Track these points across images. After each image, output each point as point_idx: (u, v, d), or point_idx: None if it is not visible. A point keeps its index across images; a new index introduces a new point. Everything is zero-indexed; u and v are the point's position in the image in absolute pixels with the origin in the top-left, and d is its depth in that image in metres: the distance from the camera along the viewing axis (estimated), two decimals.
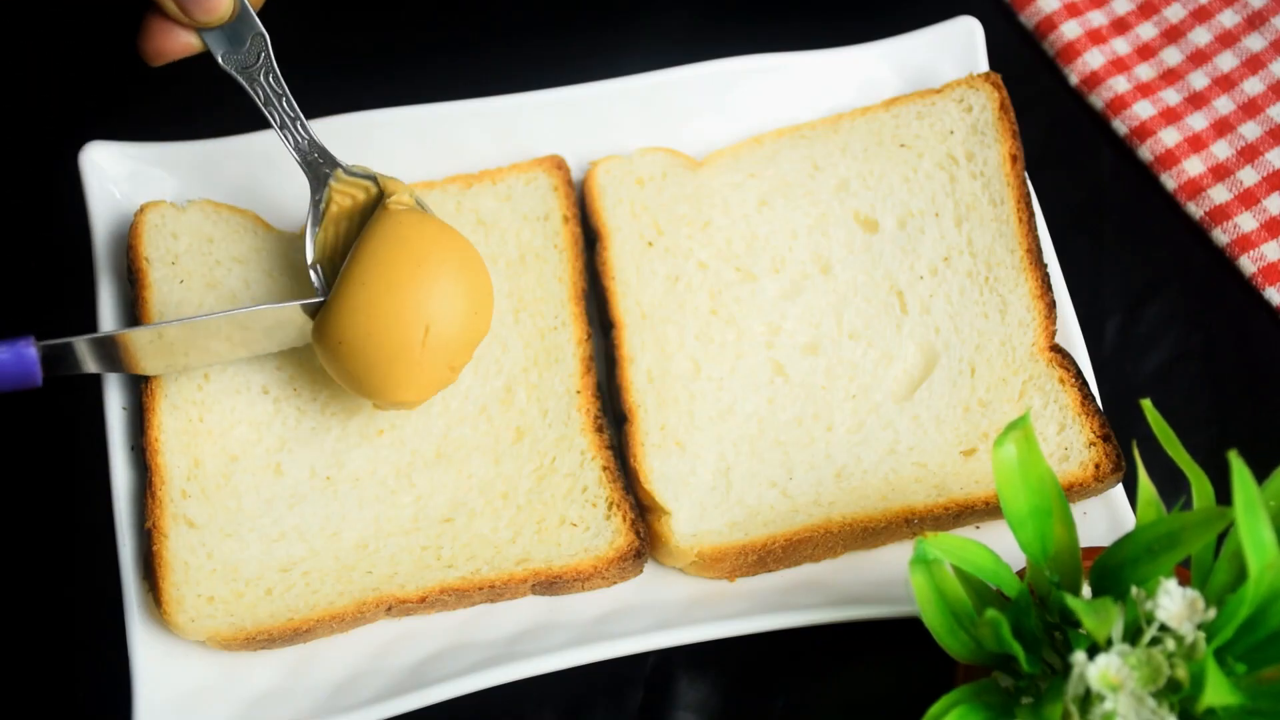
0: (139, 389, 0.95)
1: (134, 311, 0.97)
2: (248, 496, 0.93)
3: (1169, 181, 1.10)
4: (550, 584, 0.91)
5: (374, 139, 1.02)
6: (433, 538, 0.93)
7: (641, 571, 0.93)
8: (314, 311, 0.91)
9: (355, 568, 0.91)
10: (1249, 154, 1.09)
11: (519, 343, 0.99)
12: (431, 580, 0.91)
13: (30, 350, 0.87)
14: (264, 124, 0.93)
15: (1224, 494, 0.70)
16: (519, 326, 0.99)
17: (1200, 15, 1.15)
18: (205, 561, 0.90)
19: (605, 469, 0.95)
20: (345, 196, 0.93)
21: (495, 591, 0.91)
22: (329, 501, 0.94)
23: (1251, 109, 1.11)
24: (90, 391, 0.97)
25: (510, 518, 0.93)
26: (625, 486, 0.94)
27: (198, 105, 1.06)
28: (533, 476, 0.95)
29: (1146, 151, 1.11)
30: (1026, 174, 1.02)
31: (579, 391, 0.97)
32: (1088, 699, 0.70)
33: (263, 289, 0.99)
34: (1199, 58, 1.13)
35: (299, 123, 0.92)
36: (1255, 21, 1.13)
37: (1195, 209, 1.08)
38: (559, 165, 1.03)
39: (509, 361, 0.98)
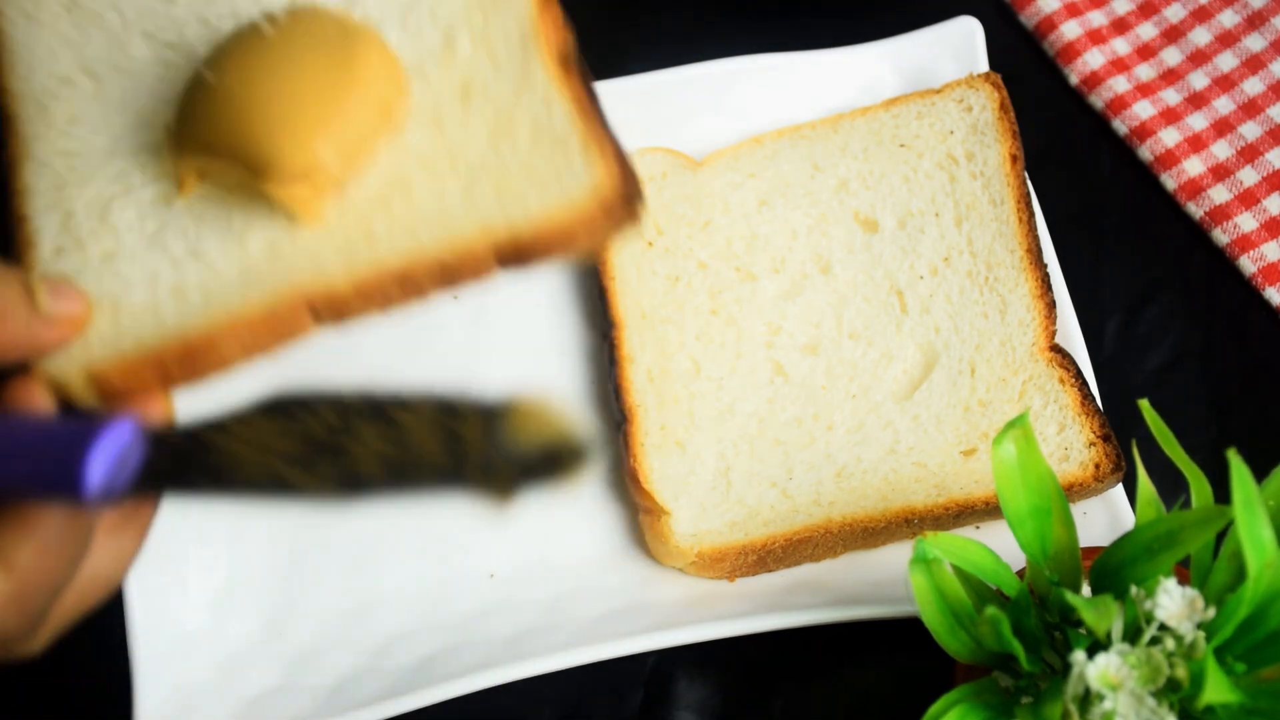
0: None
1: None
2: (129, 233, 0.77)
3: (1169, 181, 1.10)
4: (521, 254, 0.73)
5: None
6: (362, 221, 0.75)
7: (636, 220, 0.74)
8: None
9: (264, 269, 0.74)
10: (1249, 154, 1.09)
11: None
12: (363, 264, 0.73)
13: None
14: None
15: (1223, 493, 0.70)
16: None
17: (1200, 15, 1.15)
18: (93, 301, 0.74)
19: (576, 103, 0.76)
20: None
21: (450, 273, 0.73)
22: (230, 216, 0.76)
23: (1251, 109, 1.11)
24: None
25: (461, 184, 0.75)
26: (603, 121, 0.76)
27: None
28: (485, 134, 0.76)
29: (1146, 151, 1.11)
30: (1026, 174, 1.02)
31: (536, 30, 0.79)
32: (1087, 698, 0.70)
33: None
34: (1199, 58, 1.13)
35: None
36: (1255, 21, 1.13)
37: (1195, 209, 1.09)
38: None
39: (443, 7, 0.80)
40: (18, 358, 0.70)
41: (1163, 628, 0.71)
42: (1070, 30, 1.15)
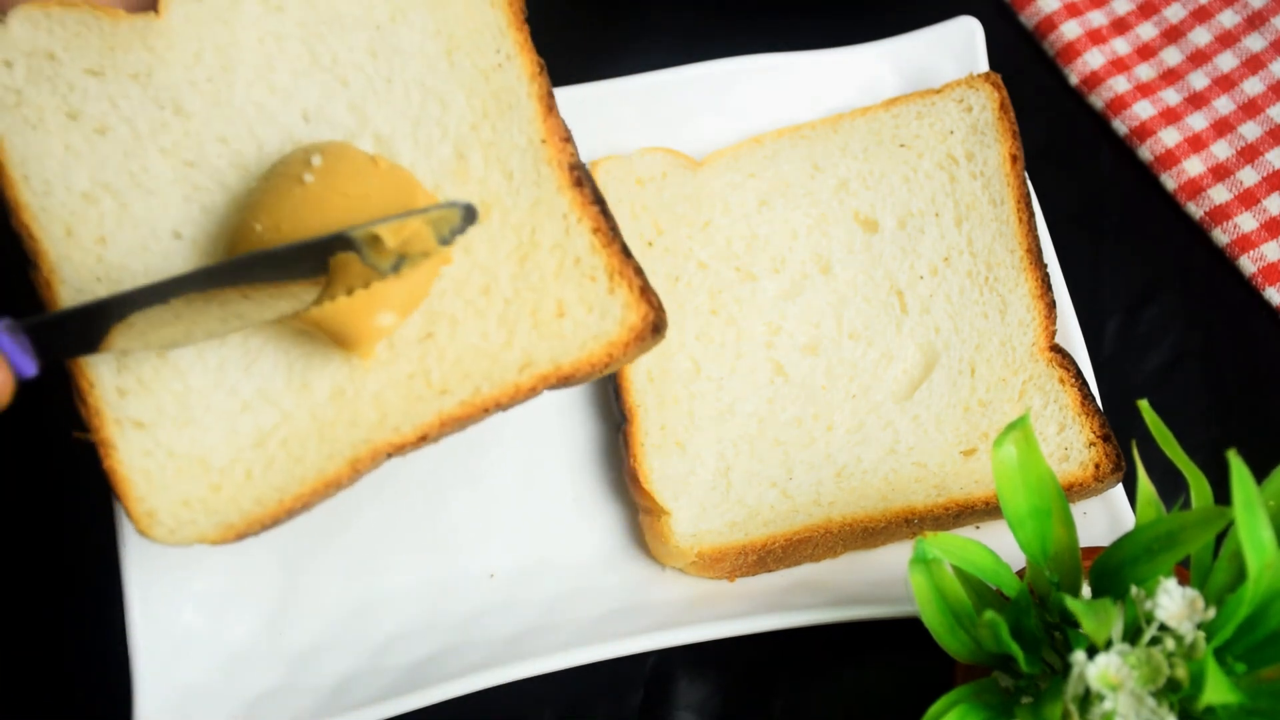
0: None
1: None
2: (192, 371, 0.79)
3: (1169, 181, 1.10)
4: (563, 383, 0.81)
5: None
6: (416, 362, 0.79)
7: (663, 339, 0.82)
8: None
9: (336, 421, 0.79)
10: (1249, 154, 1.09)
11: (459, 93, 0.83)
12: (428, 414, 0.79)
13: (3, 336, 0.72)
14: None
15: (1223, 494, 0.70)
16: (455, 72, 0.83)
17: (1200, 15, 1.15)
18: (167, 462, 0.78)
19: (596, 230, 0.81)
20: None
21: (499, 405, 0.80)
22: (288, 349, 0.80)
23: (1251, 109, 1.11)
24: None
25: (498, 315, 0.80)
26: (622, 248, 0.82)
27: None
28: (512, 258, 0.81)
29: (1146, 151, 1.11)
30: (1026, 174, 1.02)
31: (543, 140, 0.82)
32: (1087, 698, 0.70)
33: (137, 107, 0.81)
34: (1199, 58, 1.13)
35: None
36: (1255, 21, 1.13)
37: (1195, 209, 1.09)
38: None
39: (452, 120, 0.82)
40: None
41: (1163, 628, 0.71)
42: (1070, 30, 1.15)
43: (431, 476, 0.97)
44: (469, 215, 0.77)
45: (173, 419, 0.79)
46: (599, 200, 0.82)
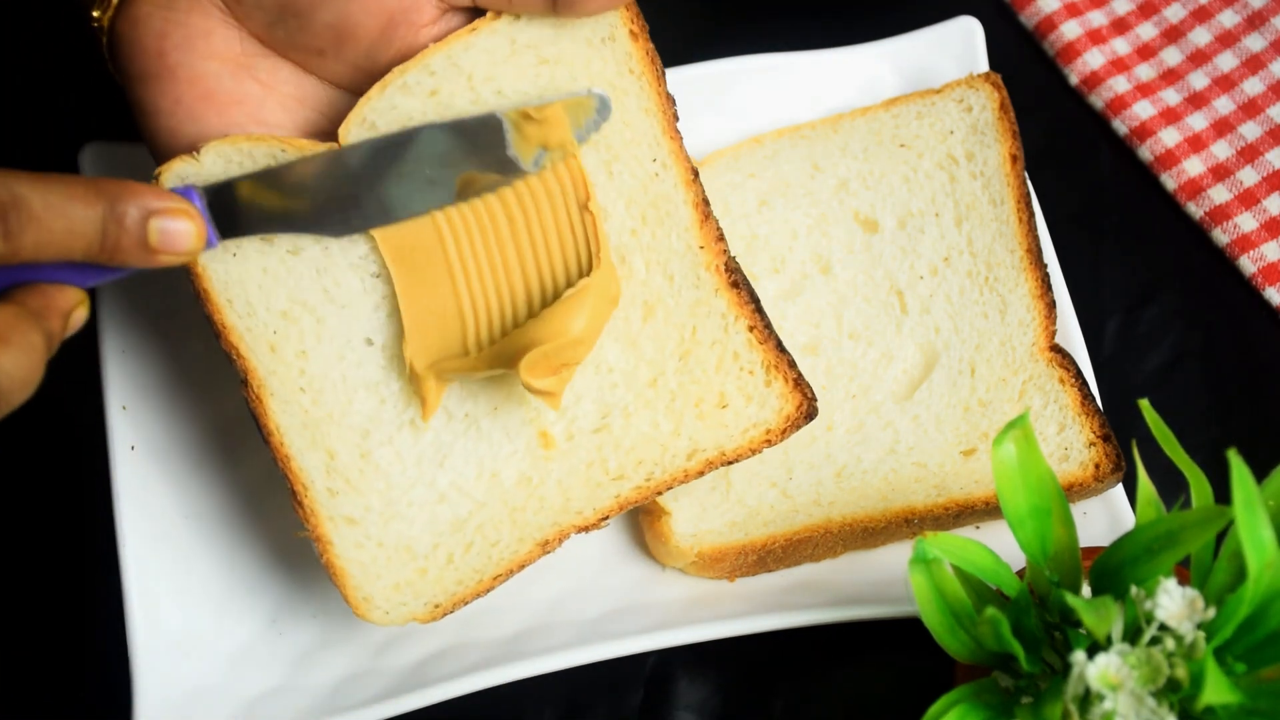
0: (139, 388, 0.95)
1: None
2: (393, 470, 0.86)
3: (1169, 181, 1.10)
4: (726, 464, 0.88)
5: None
6: (594, 451, 0.87)
7: (814, 419, 0.89)
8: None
9: (525, 507, 0.87)
10: (1249, 154, 1.09)
11: (620, 202, 0.87)
12: (607, 498, 0.87)
13: (195, 198, 0.80)
14: None
15: (1223, 493, 0.70)
16: (615, 182, 0.87)
17: (1200, 15, 1.15)
18: (378, 553, 0.86)
19: (752, 329, 0.88)
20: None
21: (665, 488, 0.88)
22: (476, 442, 0.87)
23: (1251, 109, 1.11)
24: (90, 391, 0.97)
25: (666, 406, 0.87)
26: (777, 344, 0.88)
27: None
28: (676, 355, 0.87)
29: (1146, 151, 1.11)
30: (1026, 174, 1.02)
31: (701, 246, 0.87)
32: (1087, 698, 0.70)
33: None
34: (1199, 58, 1.13)
35: None
36: (1255, 21, 1.13)
37: (1195, 209, 1.09)
38: None
39: (613, 228, 0.87)
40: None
41: (1163, 628, 0.71)
42: (1070, 30, 1.15)
43: None
44: (603, 106, 0.84)
45: (379, 514, 0.86)
46: (754, 299, 0.88)
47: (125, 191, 0.75)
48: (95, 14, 0.85)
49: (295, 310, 0.86)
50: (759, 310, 0.88)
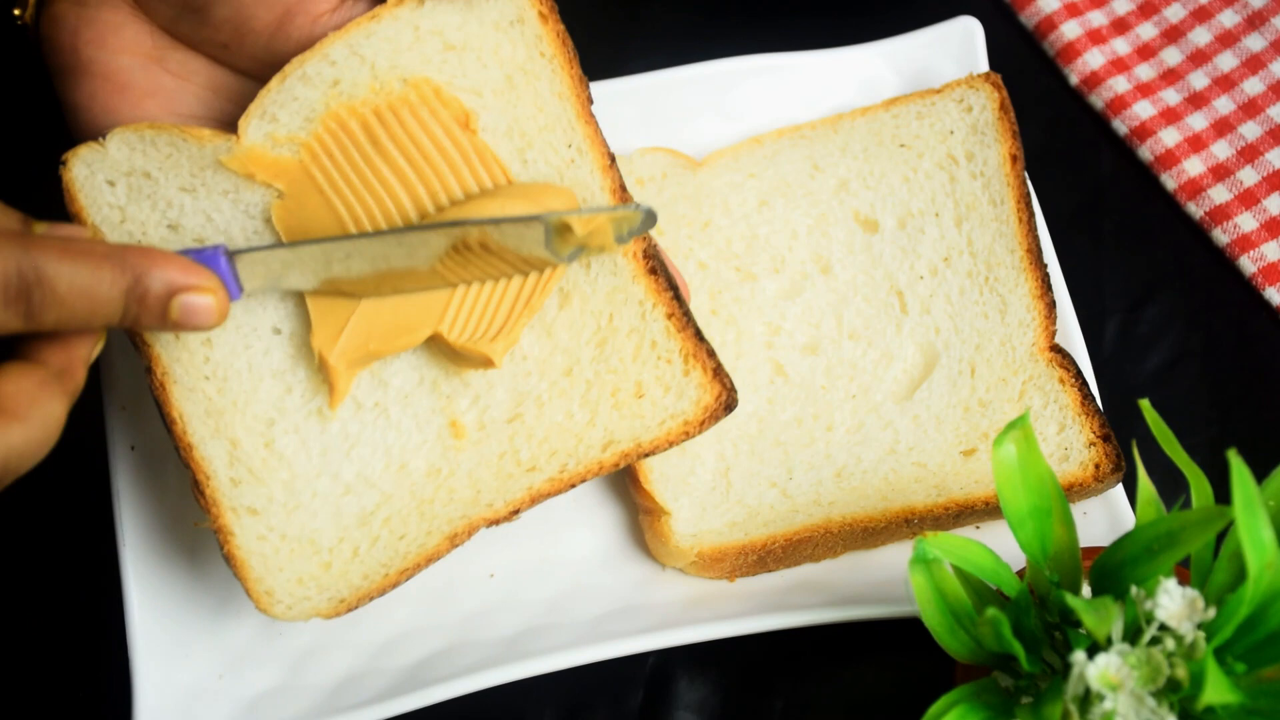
0: (139, 388, 0.95)
1: None
2: (298, 459, 0.85)
3: (1169, 181, 1.10)
4: (643, 457, 0.87)
5: None
6: (506, 441, 0.85)
7: (733, 411, 0.88)
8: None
9: (434, 499, 0.85)
10: (1249, 154, 1.09)
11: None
12: (519, 490, 0.85)
13: (222, 260, 0.79)
14: None
15: (1223, 493, 0.70)
16: (529, 169, 0.86)
17: (1200, 15, 1.15)
18: (280, 545, 0.84)
19: (670, 316, 0.86)
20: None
21: (579, 481, 0.87)
22: (385, 432, 0.85)
23: (1251, 109, 1.11)
24: (90, 392, 0.96)
25: (581, 396, 0.86)
26: (695, 332, 0.87)
27: None
28: (593, 343, 0.86)
29: (1146, 151, 1.11)
30: (1026, 174, 1.02)
31: None
32: (1087, 698, 0.70)
33: (230, 219, 0.85)
34: (1199, 58, 1.13)
35: None
36: (1255, 21, 1.13)
37: (1195, 209, 1.09)
38: None
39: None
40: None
41: (1163, 628, 0.71)
42: (1070, 30, 1.15)
43: None
44: (649, 219, 0.83)
45: (282, 505, 0.85)
46: (672, 287, 0.87)
47: (150, 265, 0.75)
48: (16, 11, 0.86)
49: None
50: (677, 297, 0.87)
